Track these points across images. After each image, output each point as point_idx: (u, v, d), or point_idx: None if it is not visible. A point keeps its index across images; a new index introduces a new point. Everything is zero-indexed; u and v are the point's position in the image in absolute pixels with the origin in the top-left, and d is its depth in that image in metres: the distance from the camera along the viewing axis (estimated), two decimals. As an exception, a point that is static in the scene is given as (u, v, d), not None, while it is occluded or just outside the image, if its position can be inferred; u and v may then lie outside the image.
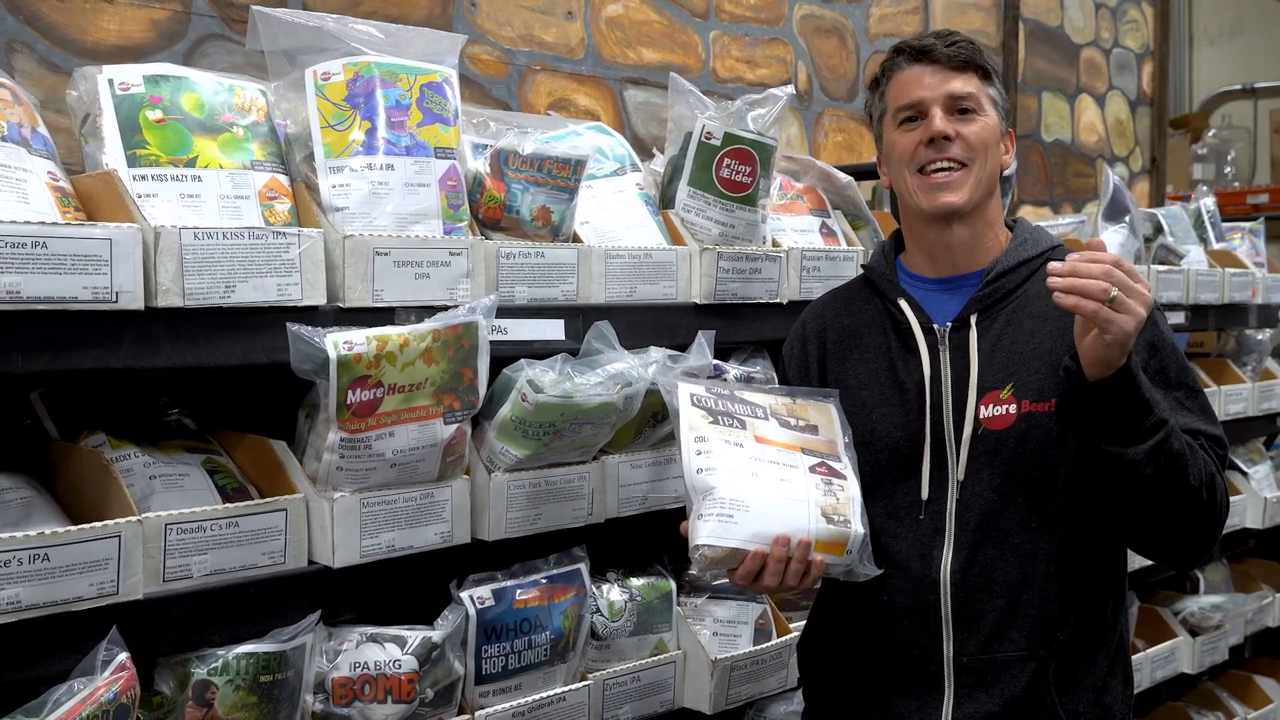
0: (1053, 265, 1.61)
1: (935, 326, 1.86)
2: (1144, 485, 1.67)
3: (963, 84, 1.81)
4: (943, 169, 1.80)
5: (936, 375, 1.84)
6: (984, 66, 1.85)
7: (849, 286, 2.05)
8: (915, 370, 1.85)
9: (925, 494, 1.82)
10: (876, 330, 1.92)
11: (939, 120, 1.79)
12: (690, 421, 1.75)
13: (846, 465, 1.78)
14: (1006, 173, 2.74)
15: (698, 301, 2.19)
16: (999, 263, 1.86)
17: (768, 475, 1.70)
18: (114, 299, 1.49)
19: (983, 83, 1.84)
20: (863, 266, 2.03)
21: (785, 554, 1.66)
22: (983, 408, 1.79)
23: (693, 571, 2.13)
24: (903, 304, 1.88)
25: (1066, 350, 1.77)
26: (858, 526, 1.71)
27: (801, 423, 1.81)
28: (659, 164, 2.39)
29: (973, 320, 1.84)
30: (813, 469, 1.74)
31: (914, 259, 1.93)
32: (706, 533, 1.66)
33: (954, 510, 1.80)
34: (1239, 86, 6.74)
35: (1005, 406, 1.79)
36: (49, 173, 1.58)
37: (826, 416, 1.83)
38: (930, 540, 1.81)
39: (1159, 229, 3.47)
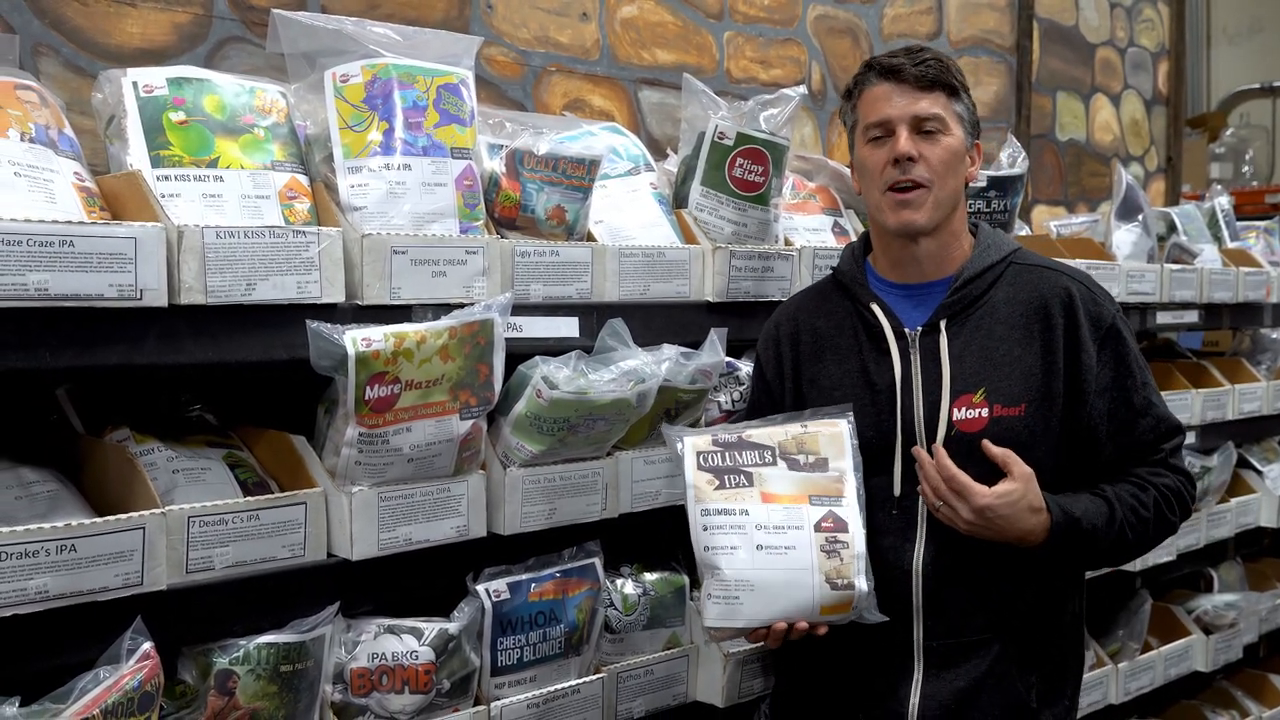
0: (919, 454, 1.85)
1: (906, 330, 1.94)
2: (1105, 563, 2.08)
3: (929, 104, 1.89)
4: (906, 188, 1.88)
5: (908, 377, 1.92)
6: (951, 84, 1.92)
7: (819, 288, 2.12)
8: (887, 372, 1.93)
9: (897, 490, 1.91)
10: (848, 332, 2.00)
11: (904, 141, 1.87)
12: (697, 489, 1.83)
13: (852, 508, 1.85)
14: (1016, 171, 2.77)
15: (710, 299, 2.21)
16: (965, 270, 1.94)
17: (772, 545, 1.80)
18: (138, 296, 1.52)
19: (950, 100, 1.91)
20: (832, 269, 2.11)
21: (786, 629, 1.82)
22: (956, 410, 1.88)
23: (705, 642, 2.20)
24: (875, 308, 1.96)
25: (1035, 357, 1.90)
26: (861, 585, 1.81)
27: (811, 458, 1.87)
28: (673, 164, 2.41)
29: (942, 325, 1.92)
30: (818, 525, 1.81)
31: (882, 265, 2.01)
32: (714, 615, 1.82)
33: (926, 507, 1.89)
34: (1257, 85, 6.72)
35: (978, 410, 1.88)
36: (75, 173, 1.62)
37: (838, 442, 1.88)
38: (903, 534, 1.90)
39: (1172, 228, 3.47)
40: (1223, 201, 3.86)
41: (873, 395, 1.94)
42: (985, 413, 1.87)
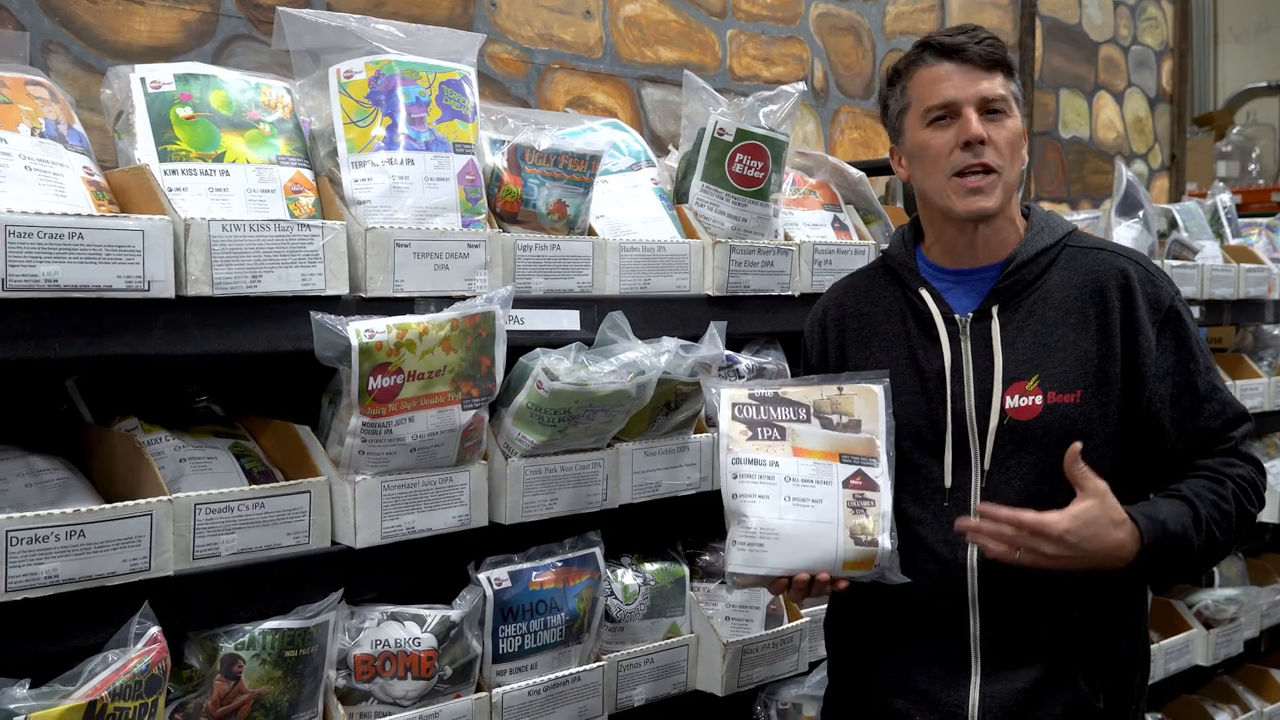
0: (961, 523, 1.77)
1: (957, 317, 1.89)
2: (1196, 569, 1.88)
3: (994, 84, 1.82)
4: (977, 173, 1.81)
5: (958, 365, 1.87)
6: (1010, 64, 1.86)
7: (867, 272, 2.07)
8: (936, 359, 1.88)
9: (948, 481, 1.86)
10: (896, 318, 1.95)
11: (975, 124, 1.80)
12: (729, 438, 1.83)
13: (882, 470, 1.83)
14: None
15: (710, 293, 2.24)
16: (1018, 254, 1.88)
17: (800, 497, 1.80)
18: (146, 288, 1.55)
19: (1007, 80, 1.85)
20: (882, 252, 2.05)
21: (809, 579, 1.78)
22: (1009, 398, 1.83)
23: (729, 590, 2.22)
24: (924, 293, 1.91)
25: (1091, 342, 1.84)
26: (885, 543, 1.79)
27: (845, 419, 1.85)
28: (674, 160, 2.44)
29: (994, 311, 1.87)
30: (847, 482, 1.81)
31: (933, 250, 1.96)
32: (738, 561, 1.79)
33: (979, 497, 1.83)
34: (1264, 84, 6.72)
35: (1031, 397, 1.82)
36: (84, 167, 1.65)
37: (872, 406, 1.86)
38: (955, 525, 1.83)
39: (1173, 224, 3.49)
40: (1225, 199, 3.87)
41: (922, 383, 1.89)
42: (1039, 400, 1.81)
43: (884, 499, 1.81)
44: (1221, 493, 1.80)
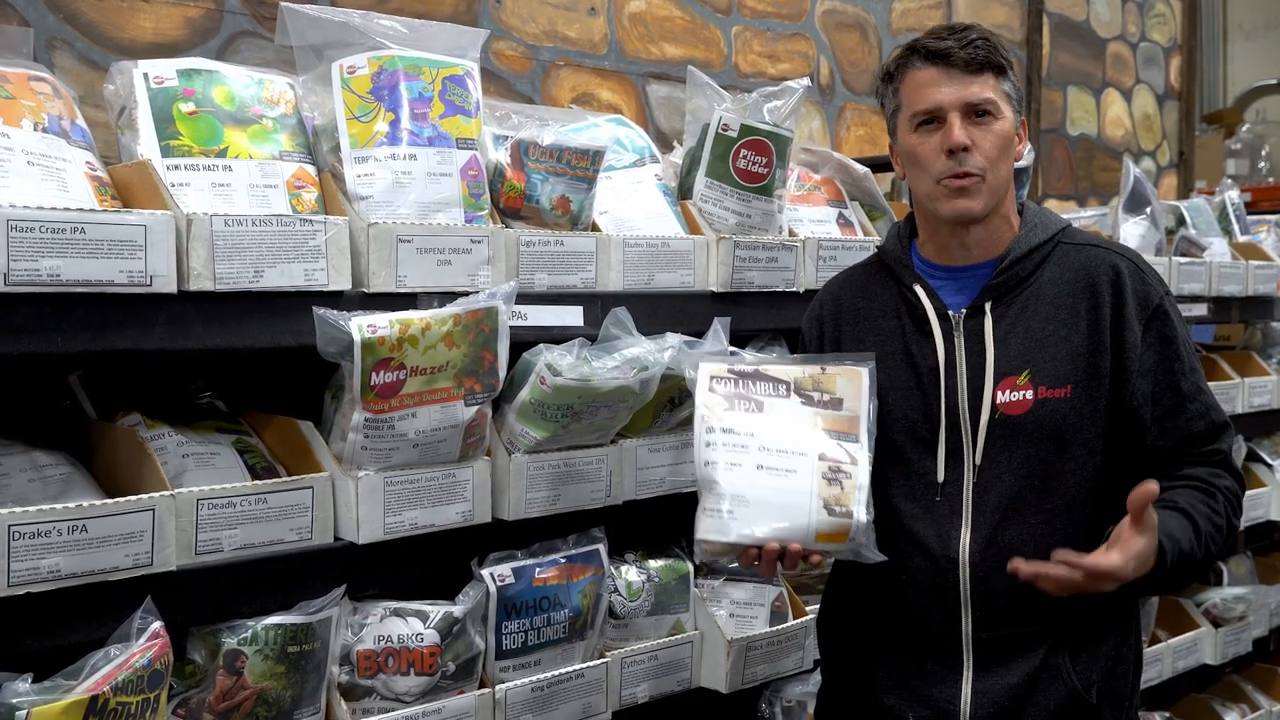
0: (1020, 567, 1.70)
1: (950, 313, 1.89)
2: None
3: (980, 88, 1.81)
4: (961, 177, 1.81)
5: (951, 360, 1.87)
6: (999, 63, 1.84)
7: (864, 267, 2.08)
8: (930, 355, 1.89)
9: (941, 476, 1.86)
10: (891, 313, 1.96)
11: (958, 131, 1.80)
12: (705, 408, 1.81)
13: (861, 446, 1.81)
14: (1023, 164, 2.77)
15: (714, 289, 2.23)
16: (1012, 250, 1.89)
17: (773, 466, 1.77)
18: (148, 283, 1.55)
19: (999, 80, 1.84)
20: (877, 248, 2.06)
21: (779, 550, 1.75)
22: (1000, 393, 1.83)
23: (697, 560, 2.19)
24: (918, 289, 1.92)
25: (1081, 337, 1.84)
26: (860, 516, 1.76)
27: (825, 397, 1.84)
28: (678, 156, 2.43)
29: (987, 307, 1.87)
30: (823, 454, 1.79)
31: (927, 247, 1.96)
32: (705, 528, 1.77)
33: (971, 493, 1.84)
34: (1274, 81, 6.69)
35: (1022, 392, 1.83)
36: (87, 163, 1.65)
37: (855, 386, 1.85)
38: (948, 521, 1.85)
39: (1181, 221, 3.48)
40: (1233, 195, 3.86)
41: (916, 379, 1.89)
42: (1029, 395, 1.82)
43: (861, 472, 1.79)
44: (1215, 506, 1.81)
